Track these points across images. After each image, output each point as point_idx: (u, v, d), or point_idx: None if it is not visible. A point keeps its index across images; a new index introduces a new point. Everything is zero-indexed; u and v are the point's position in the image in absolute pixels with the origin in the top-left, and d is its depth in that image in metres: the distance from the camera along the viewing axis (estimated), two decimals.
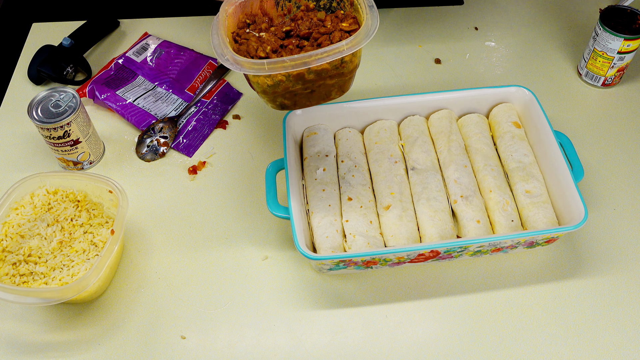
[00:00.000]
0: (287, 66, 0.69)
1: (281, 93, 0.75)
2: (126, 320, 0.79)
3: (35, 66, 1.05)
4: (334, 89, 0.77)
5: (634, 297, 0.81)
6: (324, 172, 0.87)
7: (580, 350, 0.76)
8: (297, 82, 0.73)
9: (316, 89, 0.76)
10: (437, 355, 0.76)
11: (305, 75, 0.72)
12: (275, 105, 0.78)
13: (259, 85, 0.75)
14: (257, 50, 0.74)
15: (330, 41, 0.74)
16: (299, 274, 0.83)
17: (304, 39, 0.76)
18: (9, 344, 0.78)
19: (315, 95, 0.77)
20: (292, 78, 0.73)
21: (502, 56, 1.12)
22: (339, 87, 0.78)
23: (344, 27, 0.75)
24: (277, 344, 0.77)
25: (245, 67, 0.70)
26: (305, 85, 0.74)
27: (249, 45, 0.75)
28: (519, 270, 0.83)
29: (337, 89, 0.78)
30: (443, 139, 0.91)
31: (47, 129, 0.88)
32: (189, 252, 0.86)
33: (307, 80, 0.73)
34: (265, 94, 0.76)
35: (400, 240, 0.80)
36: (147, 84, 1.05)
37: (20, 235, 0.80)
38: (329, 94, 0.78)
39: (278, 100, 0.77)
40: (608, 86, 1.06)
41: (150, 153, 0.97)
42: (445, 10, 1.20)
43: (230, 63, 0.71)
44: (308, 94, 0.76)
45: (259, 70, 0.69)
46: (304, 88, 0.75)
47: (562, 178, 0.82)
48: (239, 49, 0.75)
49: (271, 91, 0.75)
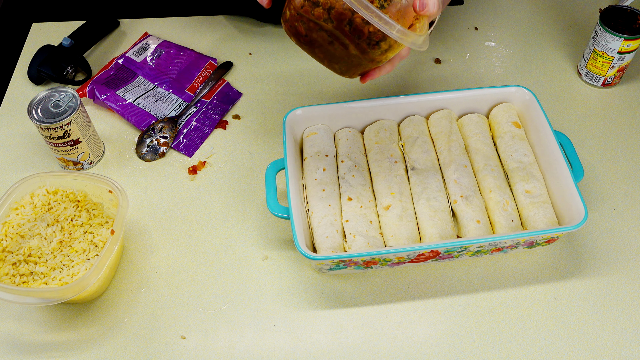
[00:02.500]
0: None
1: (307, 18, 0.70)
2: (126, 320, 0.79)
3: (35, 66, 1.05)
4: (346, 60, 0.74)
5: (634, 297, 0.81)
6: (324, 172, 0.87)
7: (580, 350, 0.76)
8: (331, 21, 0.69)
9: (335, 44, 0.72)
10: (437, 355, 0.76)
11: (344, 22, 0.68)
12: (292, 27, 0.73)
13: None
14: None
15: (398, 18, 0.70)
16: (299, 274, 0.83)
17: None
18: (9, 344, 0.78)
19: (329, 50, 0.73)
20: (332, 14, 0.68)
21: (502, 56, 1.12)
22: (351, 64, 0.74)
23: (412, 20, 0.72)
24: (277, 344, 0.77)
25: None
26: (333, 33, 0.70)
27: None
28: (519, 270, 0.83)
29: (347, 63, 0.74)
30: (443, 139, 0.91)
31: (47, 129, 0.88)
32: (189, 252, 0.86)
33: (339, 28, 0.69)
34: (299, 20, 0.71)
35: (400, 240, 0.80)
36: (147, 84, 1.05)
37: (20, 235, 0.80)
38: (340, 59, 0.74)
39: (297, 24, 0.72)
40: (608, 86, 1.06)
41: (150, 153, 0.97)
42: (445, 10, 1.20)
43: None
44: (327, 42, 0.72)
45: None
46: (330, 33, 0.70)
47: (562, 178, 0.82)
48: None
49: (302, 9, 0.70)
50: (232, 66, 1.10)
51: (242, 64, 1.11)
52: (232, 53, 1.12)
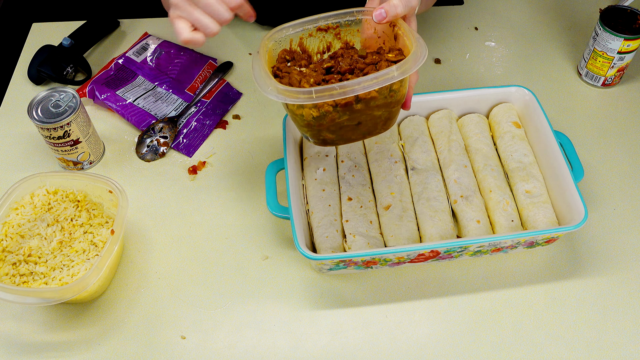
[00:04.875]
0: (335, 94, 0.65)
1: (326, 126, 0.71)
2: (126, 320, 0.79)
3: (35, 66, 1.05)
4: (380, 122, 0.74)
5: (634, 297, 0.81)
6: (324, 172, 0.87)
7: (580, 350, 0.76)
8: (345, 113, 0.70)
9: (362, 121, 0.72)
10: (437, 355, 0.76)
11: (354, 104, 0.69)
12: (318, 140, 0.75)
13: (302, 119, 0.71)
14: (301, 82, 0.70)
15: (377, 70, 0.71)
16: (299, 274, 0.83)
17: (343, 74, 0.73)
18: (9, 344, 0.78)
19: (361, 128, 0.73)
20: (339, 108, 0.69)
21: (502, 56, 1.12)
22: (385, 119, 0.74)
23: (390, 57, 0.72)
24: (277, 344, 0.77)
25: (292, 96, 0.66)
26: (352, 116, 0.71)
27: (291, 78, 0.71)
28: (519, 270, 0.83)
29: (383, 121, 0.74)
30: (443, 139, 0.91)
31: (47, 129, 0.88)
32: (189, 252, 0.86)
33: (355, 111, 0.70)
34: (309, 128, 0.72)
35: (400, 240, 0.80)
36: (147, 84, 1.05)
37: (20, 235, 0.80)
38: (375, 126, 0.74)
39: (322, 134, 0.73)
40: (608, 86, 1.06)
41: (150, 153, 0.97)
42: (445, 10, 1.20)
43: (274, 94, 0.67)
44: (354, 127, 0.73)
45: (307, 99, 0.65)
46: (350, 119, 0.71)
47: (562, 178, 0.82)
48: (281, 82, 0.71)
49: (316, 124, 0.71)
50: (232, 66, 1.10)
51: (242, 64, 1.11)
52: (232, 53, 1.12)
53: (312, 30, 0.77)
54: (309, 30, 0.77)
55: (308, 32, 0.77)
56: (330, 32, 0.78)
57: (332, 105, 0.69)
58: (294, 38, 0.77)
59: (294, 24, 0.76)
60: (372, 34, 0.76)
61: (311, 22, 0.76)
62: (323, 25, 0.77)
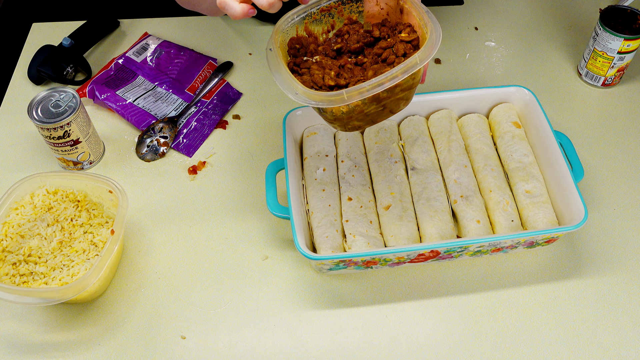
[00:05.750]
0: (365, 92, 0.65)
1: (355, 117, 0.72)
2: (126, 320, 0.79)
3: (35, 66, 1.05)
4: (402, 101, 0.74)
5: (634, 297, 0.81)
6: (324, 172, 0.87)
7: (580, 350, 0.76)
8: (372, 104, 0.70)
9: (387, 104, 0.73)
10: (437, 355, 0.76)
11: (380, 94, 0.69)
12: (346, 128, 0.75)
13: (332, 114, 0.71)
14: (325, 79, 0.70)
15: (394, 54, 0.72)
16: (299, 274, 0.83)
17: (354, 53, 0.74)
18: (9, 344, 0.78)
19: (386, 111, 0.74)
20: (367, 100, 0.69)
21: (502, 56, 1.12)
22: (407, 98, 0.74)
23: (403, 37, 0.72)
24: (277, 344, 0.77)
25: (324, 100, 0.65)
26: (379, 105, 0.71)
27: (313, 75, 0.71)
28: (519, 270, 0.83)
29: (404, 100, 0.74)
30: (443, 139, 0.91)
31: (47, 129, 0.88)
32: (189, 252, 0.86)
33: (381, 99, 0.70)
34: (338, 121, 0.73)
35: (400, 240, 0.80)
36: (147, 84, 1.05)
37: (20, 235, 0.80)
38: (398, 106, 0.75)
39: (351, 123, 0.73)
40: (608, 86, 1.06)
41: (150, 153, 0.97)
42: (445, 10, 1.20)
43: (303, 99, 0.66)
44: (379, 112, 0.73)
45: (340, 102, 0.65)
46: (377, 107, 0.72)
47: (562, 178, 0.82)
48: (304, 81, 0.71)
49: (346, 117, 0.71)
50: (232, 66, 1.10)
51: (242, 64, 1.11)
52: (232, 53, 1.12)
53: (316, 12, 0.77)
54: (313, 14, 0.77)
55: (312, 16, 0.77)
56: (333, 11, 0.78)
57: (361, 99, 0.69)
58: (299, 25, 0.77)
59: (297, 11, 0.76)
60: (374, 6, 0.76)
61: (314, 5, 0.76)
62: (325, 5, 0.77)
